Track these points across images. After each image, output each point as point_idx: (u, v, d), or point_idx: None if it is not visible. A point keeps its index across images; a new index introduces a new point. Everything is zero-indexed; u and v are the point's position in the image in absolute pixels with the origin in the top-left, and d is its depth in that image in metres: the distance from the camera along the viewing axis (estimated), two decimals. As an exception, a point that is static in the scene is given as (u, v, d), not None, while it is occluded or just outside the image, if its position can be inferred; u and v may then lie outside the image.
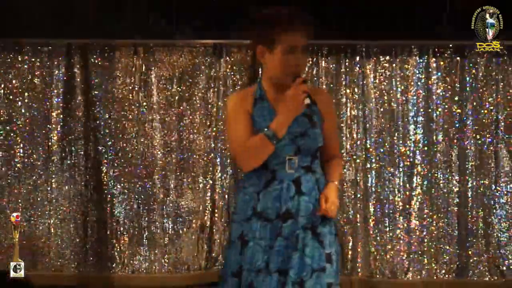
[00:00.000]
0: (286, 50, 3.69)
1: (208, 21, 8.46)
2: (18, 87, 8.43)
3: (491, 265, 8.38)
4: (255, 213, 3.70)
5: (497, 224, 8.38)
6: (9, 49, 8.43)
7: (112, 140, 8.43)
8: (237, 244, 3.73)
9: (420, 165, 8.39)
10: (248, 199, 3.73)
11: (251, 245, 3.69)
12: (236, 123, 3.72)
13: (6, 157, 8.39)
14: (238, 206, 3.76)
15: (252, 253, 3.70)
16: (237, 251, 3.73)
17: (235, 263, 3.72)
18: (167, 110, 8.45)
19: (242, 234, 3.72)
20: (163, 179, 8.42)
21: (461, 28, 8.33)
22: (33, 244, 8.41)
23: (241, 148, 3.65)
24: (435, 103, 8.42)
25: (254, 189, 3.72)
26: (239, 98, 3.82)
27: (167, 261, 8.41)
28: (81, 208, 8.39)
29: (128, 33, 8.44)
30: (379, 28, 7.99)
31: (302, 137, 3.71)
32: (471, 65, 8.46)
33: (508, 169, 8.45)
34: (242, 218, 3.74)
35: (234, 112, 3.75)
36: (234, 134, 3.71)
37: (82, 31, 8.36)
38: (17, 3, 8.25)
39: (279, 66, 3.70)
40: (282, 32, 3.68)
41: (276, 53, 3.68)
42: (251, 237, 3.70)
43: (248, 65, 8.46)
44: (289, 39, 3.68)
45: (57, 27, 8.30)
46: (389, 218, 8.39)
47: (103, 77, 8.46)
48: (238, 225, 3.75)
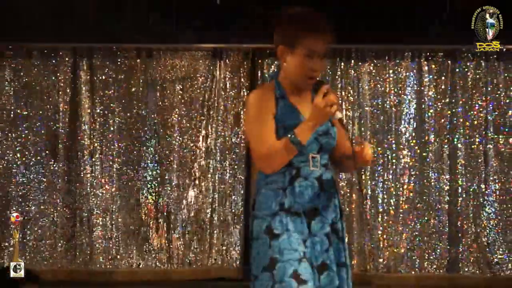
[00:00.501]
0: (306, 53, 3.64)
1: (209, 26, 8.54)
2: (25, 89, 8.56)
3: (481, 261, 8.48)
4: (282, 209, 3.62)
5: (486, 221, 8.48)
6: (18, 54, 8.57)
7: (116, 139, 8.54)
8: (263, 239, 3.62)
9: (413, 164, 8.50)
10: (272, 194, 3.63)
11: (285, 237, 3.60)
12: (260, 124, 3.60)
13: (13, 159, 8.53)
14: (260, 202, 3.64)
15: (289, 243, 3.60)
16: (265, 245, 3.62)
17: (265, 257, 3.61)
18: (169, 111, 8.57)
19: (269, 228, 3.62)
20: (165, 177, 8.56)
21: (452, 33, 8.46)
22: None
23: (265, 152, 3.58)
24: (427, 105, 8.54)
25: (278, 186, 3.64)
26: (262, 96, 3.69)
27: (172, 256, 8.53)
28: (86, 203, 8.50)
29: (131, 37, 8.54)
30: (373, 33, 8.09)
31: (325, 135, 3.69)
32: (461, 68, 8.58)
33: (496, 168, 8.55)
34: (266, 213, 3.63)
35: (258, 112, 3.64)
36: (258, 135, 3.61)
37: (87, 36, 8.46)
38: (26, 10, 8.34)
39: (297, 68, 3.65)
40: (306, 35, 3.63)
41: (297, 55, 3.64)
42: (282, 229, 3.61)
43: (248, 68, 8.61)
44: (311, 43, 3.63)
45: (64, 31, 8.40)
46: (382, 215, 8.50)
47: (107, 79, 8.58)
48: (262, 220, 3.63)
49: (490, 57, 8.52)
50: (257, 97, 3.66)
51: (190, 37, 8.58)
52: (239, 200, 8.53)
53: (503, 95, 8.52)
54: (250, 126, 3.62)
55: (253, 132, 3.60)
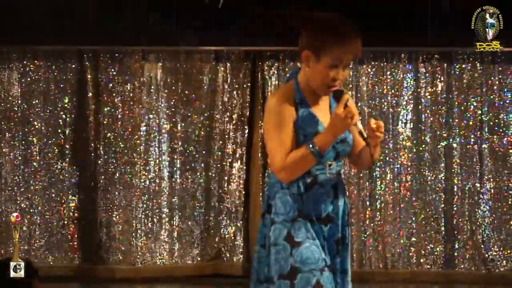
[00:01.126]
0: (331, 64, 3.53)
1: (209, 28, 8.60)
2: (33, 90, 8.63)
3: (476, 258, 8.55)
4: (300, 215, 3.56)
5: (481, 219, 8.56)
6: (25, 56, 8.63)
7: (121, 139, 8.63)
8: (283, 245, 3.53)
9: (409, 163, 8.60)
10: (290, 200, 3.57)
11: (307, 245, 3.54)
12: (282, 133, 3.53)
13: (21, 157, 8.60)
14: (277, 207, 3.57)
15: (311, 252, 3.54)
16: (285, 252, 3.53)
17: (286, 264, 3.51)
18: (172, 111, 8.65)
19: (289, 235, 3.54)
20: (169, 175, 8.64)
21: (447, 35, 8.53)
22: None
23: (285, 163, 3.51)
24: (423, 106, 8.63)
25: (295, 191, 3.57)
26: (283, 103, 3.57)
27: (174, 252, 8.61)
28: (91, 202, 8.58)
29: (135, 39, 8.62)
30: (371, 36, 7.91)
31: (342, 143, 3.64)
32: (457, 70, 8.65)
33: (491, 167, 8.63)
34: (285, 219, 3.55)
35: (279, 120, 3.55)
36: (278, 146, 3.53)
37: (92, 37, 8.53)
38: (32, 12, 8.42)
39: (319, 76, 3.55)
40: (334, 46, 3.51)
41: (321, 63, 3.53)
42: (304, 237, 3.55)
43: (248, 70, 8.68)
44: (338, 54, 3.52)
45: (69, 33, 8.47)
46: (380, 213, 8.60)
47: (112, 81, 8.65)
48: (282, 226, 3.55)
49: (485, 59, 8.58)
50: (278, 104, 3.53)
51: (191, 39, 8.63)
52: (241, 198, 8.64)
53: (497, 96, 8.60)
54: (271, 135, 3.53)
55: (274, 141, 3.51)
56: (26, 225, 8.57)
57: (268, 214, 3.57)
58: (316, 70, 3.52)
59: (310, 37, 3.53)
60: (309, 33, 3.54)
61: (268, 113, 3.54)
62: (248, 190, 8.67)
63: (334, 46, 3.48)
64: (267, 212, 3.57)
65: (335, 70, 3.51)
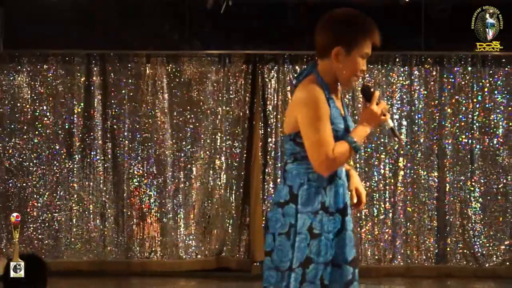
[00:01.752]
0: (361, 56, 3.55)
1: (214, 34, 8.71)
2: (43, 92, 8.72)
3: (467, 253, 8.67)
4: (322, 207, 3.55)
5: (472, 216, 8.68)
6: (36, 59, 8.73)
7: (127, 139, 8.72)
8: (305, 235, 3.53)
9: (404, 162, 8.71)
10: (315, 192, 3.55)
11: (322, 238, 3.55)
12: (325, 126, 3.49)
13: (32, 157, 8.69)
14: (304, 198, 3.54)
15: (324, 246, 3.56)
16: (305, 242, 3.53)
17: (303, 254, 3.53)
18: (177, 112, 8.74)
19: (310, 226, 3.53)
20: (173, 174, 8.72)
21: (440, 40, 8.61)
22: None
23: (330, 156, 3.47)
24: (417, 107, 8.75)
25: (319, 184, 3.56)
26: (320, 97, 3.53)
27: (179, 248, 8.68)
28: (99, 200, 8.67)
29: (141, 44, 8.69)
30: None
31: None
32: (449, 73, 8.75)
33: (481, 166, 8.75)
34: (309, 210, 3.54)
35: (322, 113, 3.51)
36: (322, 139, 3.49)
37: (100, 42, 8.61)
38: (43, 17, 8.51)
39: (351, 69, 3.55)
40: (365, 38, 3.54)
41: (353, 57, 3.53)
42: (321, 230, 3.55)
43: (250, 73, 8.77)
44: (368, 46, 3.55)
45: (78, 38, 8.54)
46: (375, 209, 8.71)
47: (119, 83, 8.75)
48: (307, 216, 3.53)
49: (475, 63, 8.69)
50: (317, 99, 3.51)
51: (197, 44, 8.71)
52: (242, 195, 8.70)
53: (487, 98, 8.71)
54: (312, 129, 3.48)
55: (317, 135, 3.47)
56: (36, 221, 8.66)
57: (293, 204, 3.54)
58: (348, 63, 3.51)
59: (340, 33, 3.52)
60: (339, 29, 3.52)
61: (308, 107, 3.49)
62: (249, 187, 8.72)
63: (364, 39, 3.51)
64: (291, 201, 3.54)
65: (363, 61, 3.55)
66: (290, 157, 3.59)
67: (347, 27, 3.52)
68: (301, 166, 3.55)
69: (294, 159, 3.58)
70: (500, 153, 8.74)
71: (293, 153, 3.58)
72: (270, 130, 8.81)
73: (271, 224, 3.58)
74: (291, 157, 3.59)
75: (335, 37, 3.51)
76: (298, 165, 3.55)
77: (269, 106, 8.81)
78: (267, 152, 8.82)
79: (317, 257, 3.51)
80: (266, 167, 8.79)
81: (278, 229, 3.54)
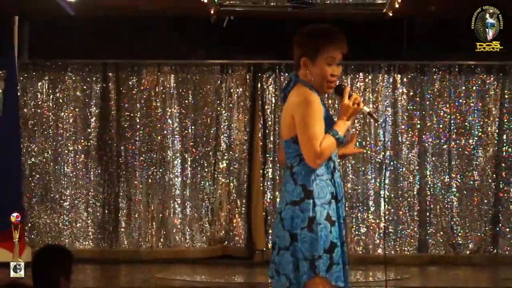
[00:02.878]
0: (326, 62, 3.65)
1: (217, 45, 8.88)
2: (63, 98, 8.97)
3: (446, 242, 8.91)
4: (332, 197, 3.65)
5: (449, 209, 8.93)
6: (57, 68, 8.97)
7: (139, 140, 8.95)
8: (325, 224, 3.61)
9: (388, 161, 8.97)
10: (325, 184, 3.64)
11: (337, 225, 3.66)
12: (320, 124, 3.61)
13: (53, 156, 8.95)
14: (318, 192, 3.62)
15: (340, 230, 3.67)
16: (327, 230, 3.60)
17: (327, 240, 3.60)
18: (183, 116, 8.95)
19: (328, 215, 3.62)
20: (181, 171, 8.93)
21: (420, 51, 8.86)
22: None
23: (321, 150, 3.58)
24: (400, 112, 9.01)
25: (326, 177, 3.66)
26: (318, 100, 3.66)
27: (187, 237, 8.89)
28: (114, 193, 8.90)
29: (152, 54, 8.88)
30: (355, 51, 7.57)
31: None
32: (428, 80, 9.01)
33: (458, 164, 8.98)
34: (324, 202, 3.63)
35: (319, 114, 3.63)
36: (318, 137, 3.59)
37: (115, 53, 8.82)
38: (63, 31, 8.66)
39: (320, 75, 3.66)
40: (325, 45, 3.64)
41: (318, 64, 3.65)
42: (336, 216, 3.65)
43: (249, 80, 9.00)
44: (333, 53, 3.65)
45: (95, 49, 8.75)
46: (362, 204, 8.97)
47: (132, 90, 8.97)
48: (322, 208, 3.62)
49: (452, 71, 8.95)
50: (315, 101, 3.63)
51: (202, 54, 8.90)
52: (244, 190, 8.92)
53: (463, 103, 9.00)
54: (312, 124, 3.60)
55: (314, 129, 3.60)
56: (58, 211, 8.93)
57: (308, 199, 3.62)
58: (316, 71, 3.66)
59: (304, 45, 3.68)
60: (302, 42, 3.69)
61: (302, 107, 3.62)
62: (250, 183, 8.94)
63: (326, 47, 3.64)
64: (307, 198, 3.63)
65: (330, 67, 3.65)
66: (295, 159, 3.68)
67: (309, 39, 3.69)
68: (308, 165, 3.64)
69: (300, 160, 3.66)
70: (475, 153, 8.99)
71: (298, 155, 3.67)
72: (268, 132, 9.05)
73: (286, 222, 3.63)
74: (296, 158, 3.67)
75: (301, 49, 3.70)
76: (305, 164, 3.64)
77: (268, 110, 9.07)
78: (266, 151, 9.03)
79: (338, 241, 3.65)
80: (265, 164, 8.99)
81: (298, 225, 3.61)
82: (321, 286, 3.61)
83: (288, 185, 3.69)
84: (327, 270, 3.61)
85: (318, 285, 3.60)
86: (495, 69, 9.06)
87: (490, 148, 9.05)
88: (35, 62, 8.98)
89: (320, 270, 3.59)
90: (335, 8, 8.43)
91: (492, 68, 9.05)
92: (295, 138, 3.66)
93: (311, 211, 3.61)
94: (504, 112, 9.08)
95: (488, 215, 9.04)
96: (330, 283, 3.62)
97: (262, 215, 8.95)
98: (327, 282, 3.61)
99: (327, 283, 3.61)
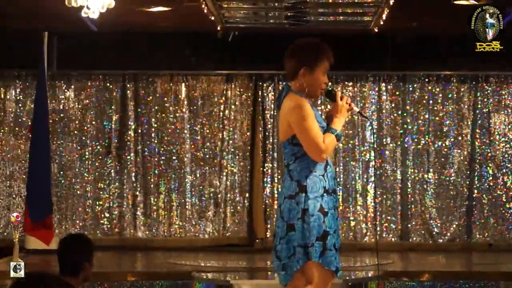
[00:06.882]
0: (323, 72, 3.78)
1: (222, 57, 9.00)
2: (87, 104, 9.18)
3: (425, 232, 9.09)
4: (325, 191, 3.72)
5: (429, 202, 9.12)
6: (82, 77, 9.18)
7: (155, 143, 9.15)
8: (318, 215, 3.67)
9: (374, 160, 9.12)
10: (318, 180, 3.71)
11: (331, 214, 3.73)
12: (313, 124, 3.70)
13: (78, 155, 9.17)
14: (311, 186, 3.70)
15: (333, 219, 3.73)
16: (320, 220, 3.67)
17: (320, 229, 3.67)
18: (194, 120, 9.13)
19: (321, 207, 3.69)
20: (191, 170, 9.12)
21: (404, 62, 9.02)
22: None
23: (324, 146, 3.68)
24: (384, 116, 9.19)
25: (320, 172, 3.73)
26: (309, 106, 3.75)
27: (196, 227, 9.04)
28: (132, 188, 9.07)
29: (166, 65, 9.00)
30: (345, 62, 8.05)
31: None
32: (410, 88, 9.18)
33: (436, 163, 9.16)
34: (316, 195, 3.69)
35: (312, 118, 3.71)
36: (318, 136, 3.69)
37: (133, 64, 8.96)
38: (87, 44, 8.80)
39: (317, 84, 3.77)
40: (323, 58, 3.78)
41: (316, 74, 3.76)
42: (329, 208, 3.72)
43: (252, 89, 9.19)
44: (326, 64, 3.79)
45: (115, 61, 8.91)
46: (351, 197, 9.16)
47: (148, 97, 9.16)
48: (315, 201, 3.69)
49: (431, 80, 9.11)
50: (308, 107, 3.73)
51: (210, 65, 9.01)
52: (246, 185, 9.07)
53: (441, 108, 9.19)
54: (308, 127, 3.70)
55: (312, 131, 3.70)
56: (82, 204, 9.08)
57: (302, 193, 3.71)
58: (313, 80, 3.77)
59: (303, 57, 3.77)
60: (301, 54, 3.78)
61: (296, 112, 3.73)
62: (252, 179, 9.10)
63: (322, 59, 3.78)
64: (301, 192, 3.71)
65: (324, 76, 3.81)
66: (291, 158, 3.79)
67: (309, 52, 3.81)
68: (303, 163, 3.74)
69: (295, 158, 3.75)
70: (451, 152, 9.18)
71: (293, 154, 3.77)
72: (268, 134, 9.23)
73: (284, 214, 3.75)
74: (292, 157, 3.77)
75: (300, 61, 3.79)
76: (300, 162, 3.73)
77: (267, 114, 9.28)
78: (265, 151, 9.18)
79: (330, 229, 3.73)
80: (265, 163, 9.15)
81: (294, 217, 3.71)
82: (314, 270, 3.71)
83: (286, 181, 3.79)
84: (320, 256, 3.70)
85: (311, 269, 3.71)
86: (468, 78, 9.22)
87: (464, 149, 9.18)
88: (63, 73, 9.15)
89: (312, 256, 3.68)
90: (328, 25, 8.51)
91: (466, 77, 9.21)
92: (291, 139, 3.76)
93: (303, 204, 3.69)
94: (476, 117, 9.18)
95: (463, 207, 9.19)
96: (323, 267, 3.72)
97: (262, 207, 9.09)
98: (319, 266, 3.71)
99: (320, 267, 3.71)
